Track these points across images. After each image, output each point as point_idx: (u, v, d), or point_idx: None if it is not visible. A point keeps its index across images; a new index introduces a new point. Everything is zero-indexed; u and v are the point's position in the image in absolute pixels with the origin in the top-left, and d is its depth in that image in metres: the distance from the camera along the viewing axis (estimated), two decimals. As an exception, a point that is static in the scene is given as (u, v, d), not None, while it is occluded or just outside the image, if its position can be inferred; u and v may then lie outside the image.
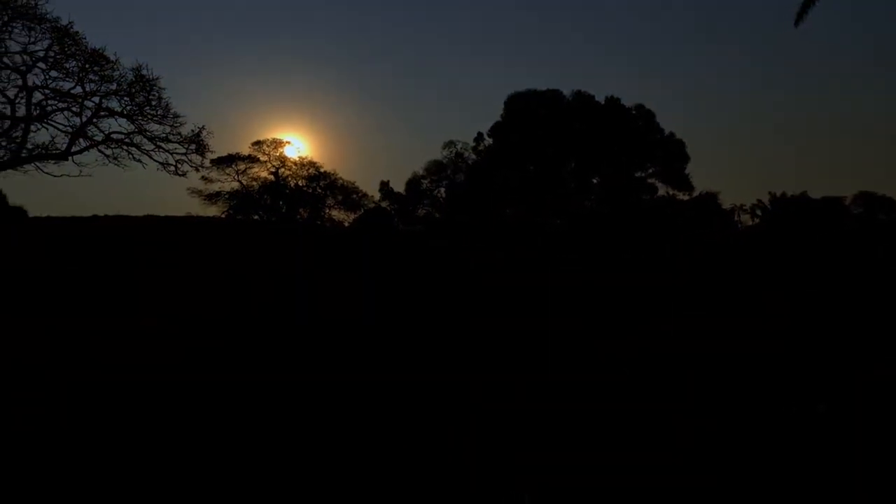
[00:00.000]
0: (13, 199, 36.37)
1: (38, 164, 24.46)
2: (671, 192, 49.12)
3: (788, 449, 5.92)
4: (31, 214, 34.98)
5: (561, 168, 48.21)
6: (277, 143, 44.58)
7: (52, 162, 24.66)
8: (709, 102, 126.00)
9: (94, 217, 27.23)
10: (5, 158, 23.66)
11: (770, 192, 61.33)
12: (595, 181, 49.20)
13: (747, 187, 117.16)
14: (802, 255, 26.43)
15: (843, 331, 12.28)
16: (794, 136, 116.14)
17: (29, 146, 24.05)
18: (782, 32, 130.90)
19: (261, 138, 44.72)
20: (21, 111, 23.75)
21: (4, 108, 23.64)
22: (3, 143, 23.64)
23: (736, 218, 53.48)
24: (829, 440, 6.17)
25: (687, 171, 48.41)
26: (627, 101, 48.67)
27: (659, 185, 48.97)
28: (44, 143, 24.47)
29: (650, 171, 48.71)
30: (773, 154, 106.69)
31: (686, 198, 48.54)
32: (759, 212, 62.23)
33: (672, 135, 48.30)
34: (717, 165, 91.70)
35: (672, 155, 47.86)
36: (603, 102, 48.34)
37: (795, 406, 7.31)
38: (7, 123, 23.71)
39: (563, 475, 5.32)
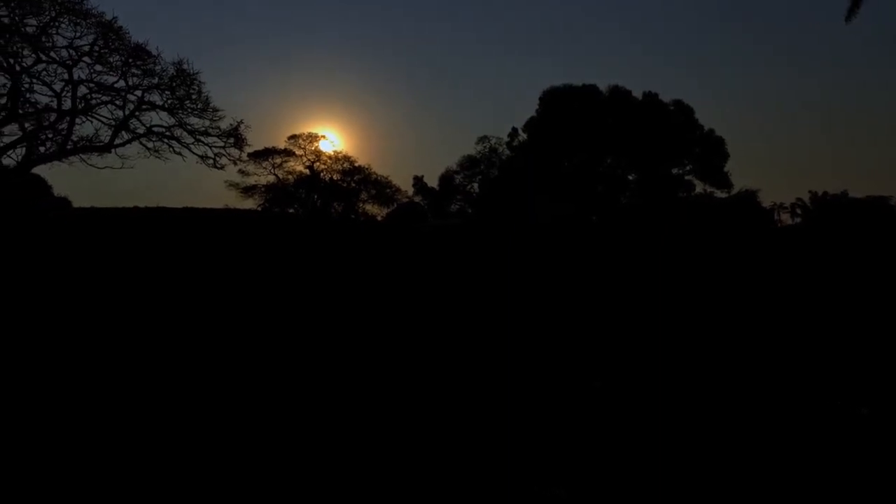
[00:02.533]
0: (58, 190, 37.40)
1: (82, 155, 25.05)
2: (709, 190, 48.25)
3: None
4: (74, 205, 35.93)
5: (596, 164, 47.63)
6: (313, 138, 44.83)
7: (96, 154, 25.24)
8: (751, 99, 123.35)
9: (136, 208, 27.74)
10: (52, 150, 24.26)
11: (810, 191, 59.88)
12: (631, 177, 48.52)
13: (790, 185, 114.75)
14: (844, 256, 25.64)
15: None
16: (838, 133, 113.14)
17: (74, 139, 24.63)
18: (826, 29, 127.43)
19: (296, 132, 45.04)
20: (67, 104, 24.32)
21: (51, 101, 24.24)
22: (50, 136, 24.24)
23: (776, 216, 52.34)
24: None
25: (726, 169, 47.43)
26: (666, 97, 47.87)
27: (696, 182, 48.10)
28: (88, 135, 25.05)
29: (688, 167, 47.84)
30: (816, 152, 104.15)
31: (724, 195, 47.57)
32: (799, 210, 60.81)
33: (712, 131, 47.34)
34: (759, 163, 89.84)
35: (711, 151, 46.92)
36: (640, 98, 47.58)
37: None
38: (53, 116, 24.30)
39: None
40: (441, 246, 25.71)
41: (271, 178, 43.89)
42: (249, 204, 43.14)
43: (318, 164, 44.53)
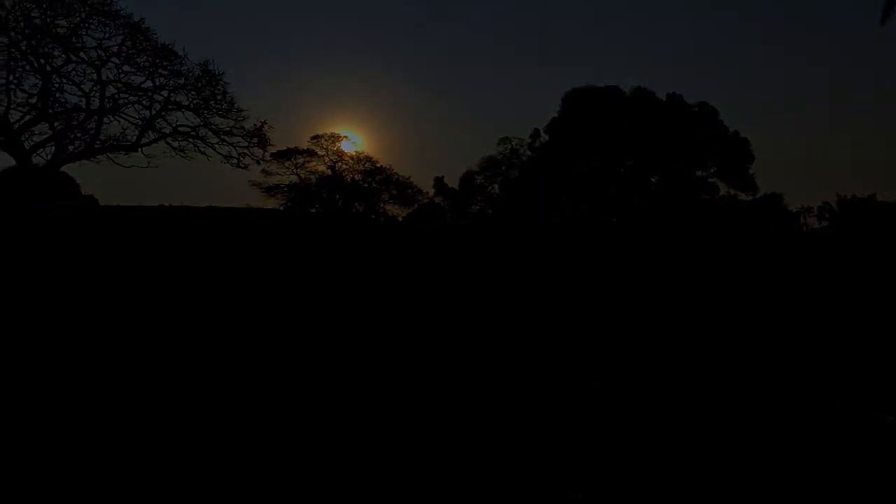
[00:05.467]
0: (85, 189, 38.06)
1: (109, 154, 25.56)
2: (733, 192, 47.56)
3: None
4: (101, 203, 36.51)
5: (618, 165, 47.27)
6: (335, 138, 45.13)
7: (123, 153, 25.75)
8: (779, 101, 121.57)
9: (161, 206, 28.17)
10: (80, 149, 24.78)
11: (837, 194, 58.73)
12: (653, 179, 48.04)
13: (820, 188, 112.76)
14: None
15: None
16: (868, 136, 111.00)
17: (102, 138, 25.14)
18: (854, 30, 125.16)
19: (319, 132, 45.34)
20: (95, 104, 24.83)
21: (80, 101, 24.77)
22: (79, 135, 24.75)
23: (802, 220, 51.45)
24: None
25: (751, 171, 46.74)
26: (690, 99, 47.33)
27: (720, 184, 47.45)
28: (115, 135, 25.56)
29: (711, 170, 47.22)
30: (845, 155, 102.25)
31: (749, 198, 46.88)
32: (826, 214, 59.69)
33: (736, 133, 46.68)
34: (786, 165, 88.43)
35: (735, 154, 46.25)
36: (664, 99, 47.11)
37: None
38: (82, 116, 24.82)
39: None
40: (442, 247, 25.68)
41: (294, 178, 44.32)
42: (272, 203, 43.55)
43: (339, 164, 44.84)
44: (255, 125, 27.46)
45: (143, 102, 25.67)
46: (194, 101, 26.15)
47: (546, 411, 7.01)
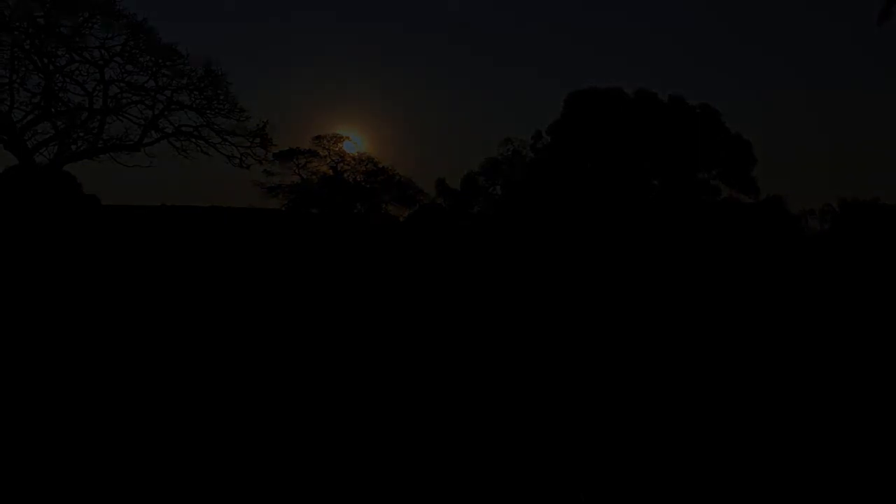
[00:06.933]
0: (87, 188, 38.02)
1: (112, 154, 25.60)
2: (734, 195, 47.48)
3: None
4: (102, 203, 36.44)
5: (620, 167, 47.20)
6: (337, 139, 45.11)
7: (125, 152, 25.78)
8: (780, 103, 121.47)
9: (163, 206, 28.18)
10: (82, 148, 24.80)
11: (840, 197, 58.56)
12: (655, 181, 47.98)
13: (819, 191, 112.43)
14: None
15: None
16: (870, 137, 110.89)
17: (104, 137, 25.17)
18: (855, 30, 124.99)
19: (321, 133, 45.30)
20: (98, 103, 24.87)
21: (83, 100, 24.79)
22: (81, 135, 24.79)
23: (804, 223, 51.30)
24: None
25: (753, 174, 46.67)
26: (692, 100, 47.27)
27: (722, 186, 47.38)
28: (118, 134, 25.60)
29: (713, 172, 47.14)
30: (846, 157, 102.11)
31: (751, 201, 46.81)
32: (828, 217, 59.49)
33: (739, 135, 46.63)
34: (787, 168, 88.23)
35: (737, 156, 46.21)
36: (666, 101, 47.06)
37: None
38: (85, 115, 24.84)
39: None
40: (443, 246, 25.77)
41: (296, 179, 44.30)
42: (273, 204, 43.50)
43: (341, 165, 44.84)
44: (257, 125, 27.55)
45: (146, 102, 25.76)
46: (197, 101, 26.23)
47: (541, 409, 6.98)
